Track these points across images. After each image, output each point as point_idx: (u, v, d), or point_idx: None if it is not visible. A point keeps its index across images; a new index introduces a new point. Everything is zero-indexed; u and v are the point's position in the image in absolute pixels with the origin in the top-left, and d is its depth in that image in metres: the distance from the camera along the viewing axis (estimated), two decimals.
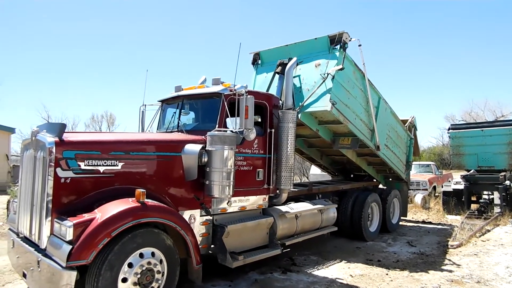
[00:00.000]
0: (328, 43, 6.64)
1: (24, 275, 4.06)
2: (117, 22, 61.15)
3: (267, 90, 7.14)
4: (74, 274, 3.44)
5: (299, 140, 8.27)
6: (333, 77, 6.36)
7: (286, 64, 6.60)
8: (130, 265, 3.80)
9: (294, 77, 6.72)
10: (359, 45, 6.85)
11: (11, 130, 20.43)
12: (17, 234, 4.51)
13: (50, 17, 54.53)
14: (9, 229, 4.88)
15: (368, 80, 7.44)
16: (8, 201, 9.94)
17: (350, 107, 6.95)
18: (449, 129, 13.86)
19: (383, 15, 67.82)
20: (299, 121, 6.54)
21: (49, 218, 3.79)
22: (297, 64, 6.76)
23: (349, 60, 6.92)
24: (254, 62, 7.92)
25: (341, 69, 6.40)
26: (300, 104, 6.45)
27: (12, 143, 21.87)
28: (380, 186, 10.01)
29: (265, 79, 7.37)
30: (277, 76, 6.90)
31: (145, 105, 6.60)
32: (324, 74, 6.38)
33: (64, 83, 54.01)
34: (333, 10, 70.04)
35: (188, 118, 6.04)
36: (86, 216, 3.69)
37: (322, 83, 6.35)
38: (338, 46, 6.54)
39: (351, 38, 6.60)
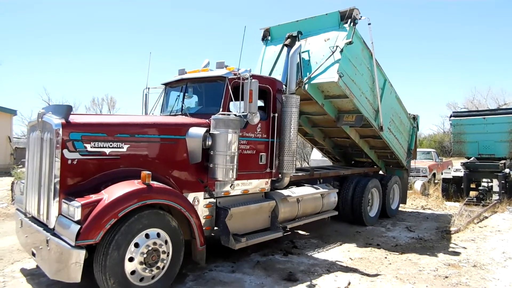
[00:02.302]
0: (338, 18, 6.71)
1: (33, 254, 4.17)
2: (118, 3, 60.22)
3: (274, 63, 7.25)
4: (83, 253, 3.53)
5: (303, 117, 8.32)
6: (342, 50, 6.43)
7: (295, 36, 6.67)
8: (137, 245, 3.90)
9: (303, 52, 6.81)
10: (369, 24, 6.94)
11: (13, 112, 20.42)
12: (25, 214, 4.60)
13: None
14: (17, 209, 4.98)
15: (376, 60, 7.47)
16: (12, 183, 10.05)
17: (356, 83, 6.99)
18: (451, 116, 13.84)
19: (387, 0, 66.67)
20: (305, 95, 6.63)
21: (57, 199, 3.87)
22: (307, 38, 6.87)
23: (358, 37, 6.98)
24: (264, 38, 7.98)
25: (350, 43, 6.47)
26: (307, 74, 6.51)
27: (13, 125, 21.89)
28: (380, 172, 10.08)
29: (274, 53, 7.43)
30: (285, 49, 6.93)
31: (149, 88, 6.60)
32: (333, 47, 6.47)
33: (65, 65, 53.68)
34: None
35: (192, 101, 6.06)
36: (94, 197, 3.77)
37: (330, 55, 6.45)
38: (348, 22, 6.61)
39: (361, 16, 6.67)
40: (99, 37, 56.91)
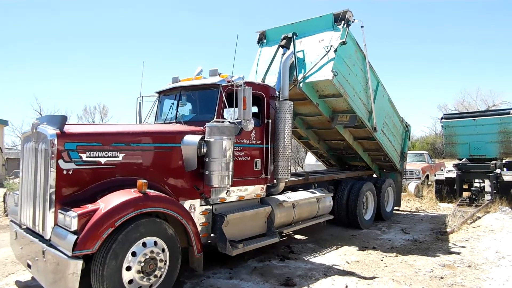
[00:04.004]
0: (332, 20, 6.91)
1: (29, 266, 4.13)
2: (110, 12, 60.22)
3: (270, 64, 7.37)
4: (80, 263, 3.52)
5: (298, 119, 8.41)
6: (336, 49, 6.59)
7: (290, 37, 6.84)
8: (134, 254, 3.89)
9: (298, 51, 6.96)
10: (362, 26, 7.15)
11: (4, 123, 20.22)
12: (20, 226, 4.56)
13: (42, 8, 53.52)
14: (11, 220, 4.93)
15: (369, 62, 7.62)
16: (5, 194, 9.92)
17: (350, 82, 7.14)
18: (441, 118, 14.05)
19: (376, 3, 67.63)
20: (300, 94, 6.75)
21: (53, 209, 3.86)
22: (301, 38, 7.06)
23: (352, 39, 7.17)
24: (260, 41, 8.11)
25: (343, 43, 6.64)
26: (302, 72, 6.66)
27: (4, 136, 21.66)
28: (374, 175, 10.16)
29: (269, 55, 7.56)
30: (280, 50, 7.06)
31: (142, 96, 6.63)
32: (327, 47, 6.63)
33: (56, 74, 53.35)
34: None
35: (185, 109, 6.09)
36: (90, 207, 3.76)
37: (325, 55, 6.62)
38: (342, 23, 6.79)
39: (354, 19, 6.85)
40: (91, 46, 56.77)
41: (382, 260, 5.99)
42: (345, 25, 6.75)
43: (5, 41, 49.24)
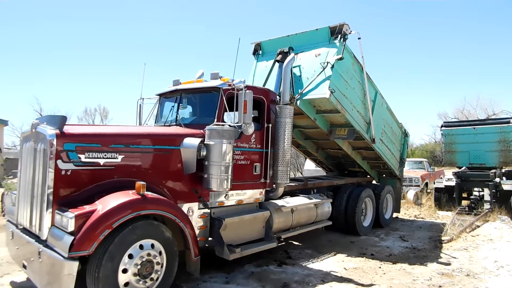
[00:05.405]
0: (328, 34, 6.80)
1: (24, 266, 4.10)
2: (111, 14, 60.51)
3: (267, 78, 7.28)
4: (76, 264, 3.49)
5: (296, 130, 8.38)
6: (333, 66, 6.51)
7: (286, 52, 6.74)
8: (131, 256, 3.86)
9: (294, 67, 6.89)
10: (359, 38, 7.01)
11: (4, 123, 20.20)
12: (16, 226, 4.54)
13: (42, 9, 53.77)
14: (8, 220, 4.91)
15: (366, 73, 7.58)
16: (3, 194, 9.88)
17: (348, 97, 7.07)
18: (441, 126, 14.05)
19: (377, 12, 68.02)
20: (297, 109, 6.67)
21: (50, 210, 3.84)
22: (297, 53, 6.93)
23: (349, 52, 7.06)
24: (255, 52, 8.03)
25: (340, 59, 6.54)
26: (299, 91, 6.57)
27: (4, 136, 21.63)
28: (374, 182, 10.15)
29: (265, 68, 7.49)
30: (277, 64, 7.01)
31: (143, 98, 6.63)
32: (324, 63, 6.53)
33: (57, 76, 53.47)
34: (328, 7, 69.94)
35: (186, 112, 6.09)
36: (87, 208, 3.74)
37: (321, 71, 6.51)
38: (338, 37, 6.69)
39: (351, 31, 6.76)
40: (92, 47, 56.93)
41: (380, 267, 5.95)
42: (342, 39, 6.64)
43: (7, 41, 49.41)
